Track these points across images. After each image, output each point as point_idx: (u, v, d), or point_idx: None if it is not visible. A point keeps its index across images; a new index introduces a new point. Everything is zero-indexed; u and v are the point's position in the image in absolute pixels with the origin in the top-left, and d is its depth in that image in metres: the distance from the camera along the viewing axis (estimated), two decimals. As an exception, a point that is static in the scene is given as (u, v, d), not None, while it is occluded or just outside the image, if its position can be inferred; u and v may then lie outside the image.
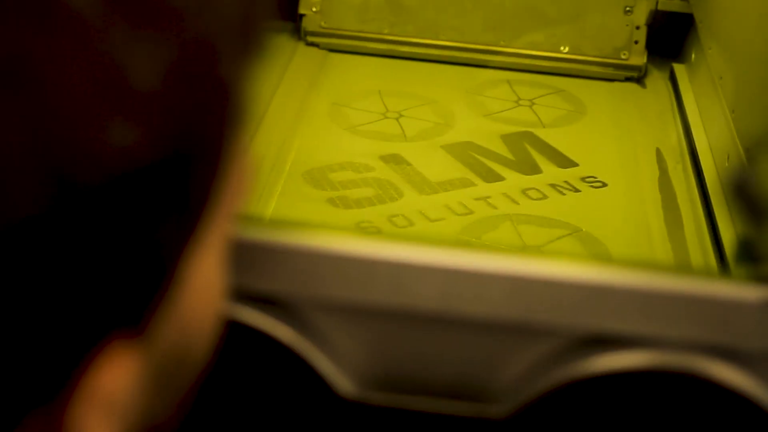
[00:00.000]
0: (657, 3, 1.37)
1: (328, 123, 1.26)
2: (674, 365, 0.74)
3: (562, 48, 1.38)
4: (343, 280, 0.73)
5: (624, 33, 1.37)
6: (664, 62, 1.39)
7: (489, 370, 0.75)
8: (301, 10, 1.40)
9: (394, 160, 1.20)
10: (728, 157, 1.13)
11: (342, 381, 0.75)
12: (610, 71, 1.38)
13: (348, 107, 1.29)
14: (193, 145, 0.32)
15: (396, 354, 0.76)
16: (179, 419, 0.40)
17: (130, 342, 0.32)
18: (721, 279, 0.76)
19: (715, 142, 1.18)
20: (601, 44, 1.37)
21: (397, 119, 1.28)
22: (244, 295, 0.73)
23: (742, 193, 0.56)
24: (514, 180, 1.19)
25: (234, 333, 0.73)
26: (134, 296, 0.32)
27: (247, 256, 0.72)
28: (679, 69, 1.34)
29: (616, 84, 1.36)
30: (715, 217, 1.10)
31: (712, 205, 1.12)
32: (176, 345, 0.36)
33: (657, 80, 1.36)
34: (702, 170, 1.18)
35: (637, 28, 1.37)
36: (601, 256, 1.01)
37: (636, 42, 1.37)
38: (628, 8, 1.37)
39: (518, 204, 1.15)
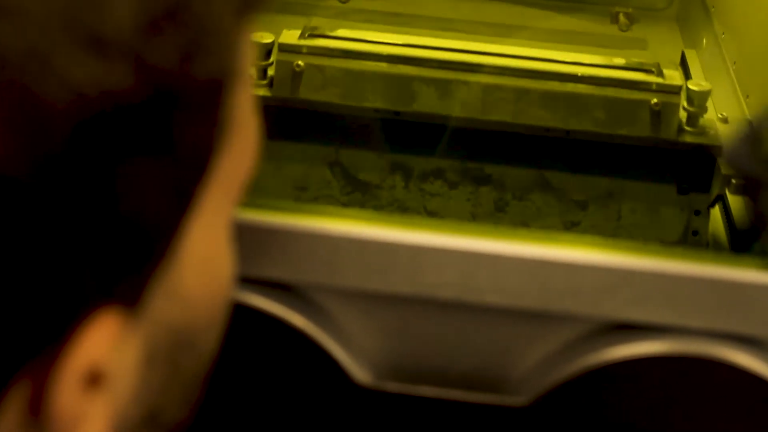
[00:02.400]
0: (729, 182, 0.96)
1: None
2: (694, 351, 0.73)
3: None
4: (359, 267, 0.72)
5: (678, 221, 1.00)
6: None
7: (508, 359, 0.74)
8: None
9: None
10: (742, 143, 1.12)
11: (358, 369, 0.74)
12: None
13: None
14: (181, 91, 0.31)
15: (413, 342, 0.75)
16: (191, 414, 0.38)
17: (119, 311, 0.31)
18: (738, 265, 0.75)
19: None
20: (645, 236, 1.00)
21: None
22: (259, 281, 0.72)
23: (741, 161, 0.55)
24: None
25: (250, 319, 0.73)
26: (125, 263, 0.31)
27: (261, 242, 0.71)
28: (690, 54, 1.33)
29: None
30: (728, 202, 1.09)
31: (725, 190, 1.11)
32: (177, 323, 0.35)
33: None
34: (715, 155, 1.16)
35: (697, 213, 1.01)
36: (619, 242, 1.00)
37: (694, 233, 1.01)
38: (684, 186, 1.00)
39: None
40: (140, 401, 0.35)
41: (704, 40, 1.32)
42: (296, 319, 0.73)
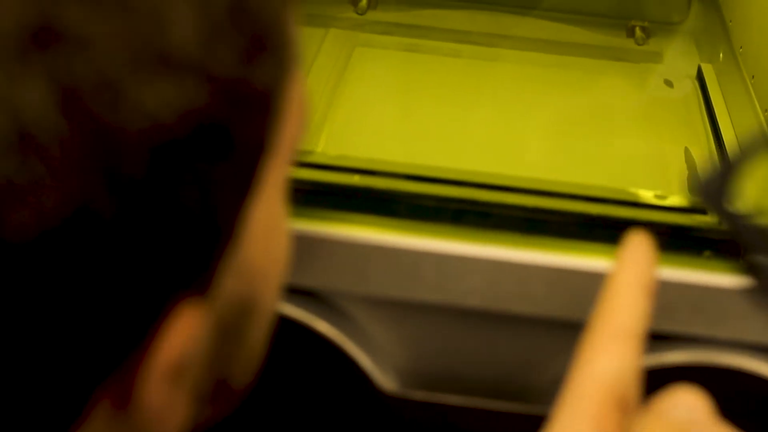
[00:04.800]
0: None
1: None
2: (720, 361, 0.73)
3: None
4: (385, 275, 0.72)
5: None
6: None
7: (534, 367, 0.74)
8: None
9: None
10: (759, 157, 1.12)
11: (384, 377, 0.74)
12: None
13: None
14: (244, 95, 0.31)
15: (439, 350, 0.75)
16: (256, 377, 0.39)
17: (196, 302, 0.32)
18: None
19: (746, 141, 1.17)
20: None
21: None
22: (286, 288, 0.72)
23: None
24: (542, 178, 1.18)
25: (276, 326, 0.72)
26: (197, 254, 0.31)
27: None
28: (706, 69, 1.33)
29: (646, 84, 1.34)
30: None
31: (743, 204, 1.11)
32: (244, 296, 0.35)
33: (685, 80, 1.34)
34: (732, 170, 1.17)
35: None
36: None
37: None
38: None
39: (547, 203, 1.13)
40: (213, 371, 0.35)
41: (721, 54, 1.32)
42: (322, 326, 0.73)
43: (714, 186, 0.39)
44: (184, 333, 0.31)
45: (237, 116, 0.31)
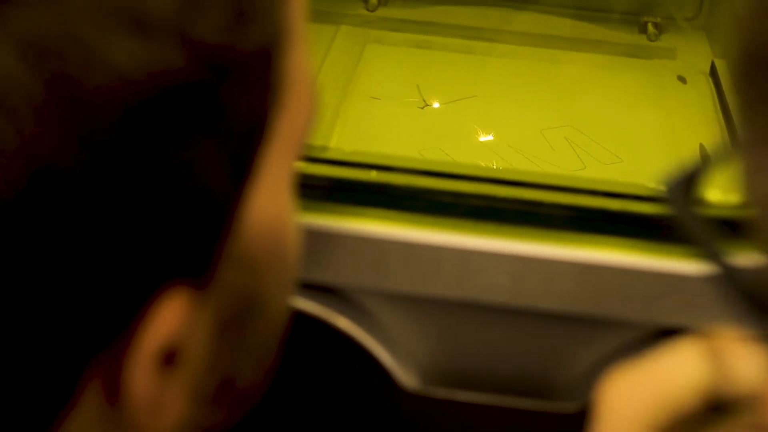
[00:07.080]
0: None
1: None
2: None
3: None
4: (406, 270, 0.71)
5: None
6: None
7: (558, 365, 0.73)
8: None
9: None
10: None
11: (405, 374, 0.73)
12: None
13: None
14: (230, 62, 0.30)
15: (461, 347, 0.74)
16: (267, 378, 0.38)
17: (190, 287, 0.31)
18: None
19: (762, 137, 1.16)
20: None
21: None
22: (305, 284, 0.71)
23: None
24: (556, 175, 1.17)
25: (295, 322, 0.72)
26: (195, 240, 0.31)
27: (307, 244, 0.70)
28: (720, 64, 1.33)
29: (659, 80, 1.33)
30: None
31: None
32: (247, 289, 0.34)
33: (698, 75, 1.34)
34: (748, 166, 1.16)
35: None
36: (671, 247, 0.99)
37: None
38: None
39: (562, 199, 1.13)
40: (216, 369, 0.34)
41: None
42: (342, 323, 0.72)
43: (680, 187, 0.37)
44: (172, 318, 0.30)
45: (222, 83, 0.30)
